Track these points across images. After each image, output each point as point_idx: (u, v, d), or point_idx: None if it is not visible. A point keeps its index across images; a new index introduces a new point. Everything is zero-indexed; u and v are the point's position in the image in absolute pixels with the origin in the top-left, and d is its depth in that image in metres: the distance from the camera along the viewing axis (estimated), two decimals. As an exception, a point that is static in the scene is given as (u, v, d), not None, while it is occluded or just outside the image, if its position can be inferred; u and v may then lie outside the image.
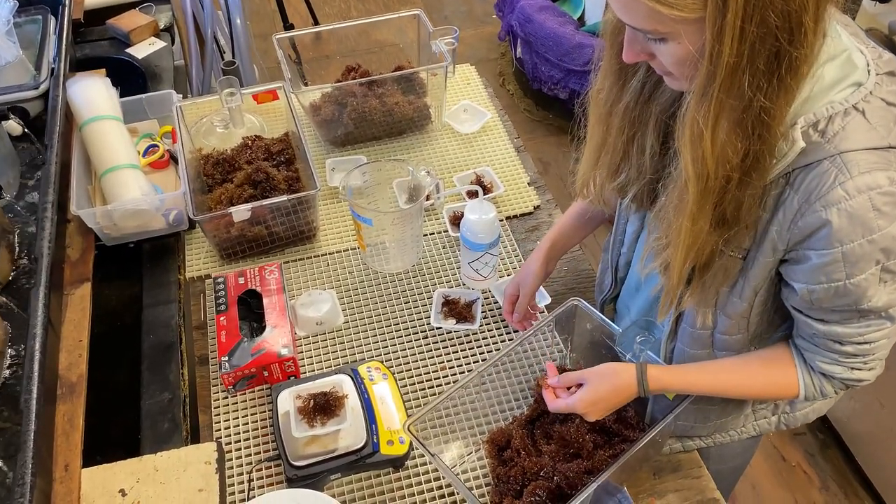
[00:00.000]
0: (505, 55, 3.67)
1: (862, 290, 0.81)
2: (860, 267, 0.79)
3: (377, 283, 1.46)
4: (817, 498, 2.02)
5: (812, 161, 0.78)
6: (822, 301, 0.84)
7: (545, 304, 1.40)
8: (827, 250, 0.79)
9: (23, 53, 1.57)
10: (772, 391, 1.00)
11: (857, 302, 0.83)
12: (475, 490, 1.14)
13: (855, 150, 0.76)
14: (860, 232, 0.77)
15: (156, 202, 1.42)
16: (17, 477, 0.97)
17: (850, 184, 0.76)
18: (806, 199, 0.79)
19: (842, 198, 0.76)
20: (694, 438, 1.18)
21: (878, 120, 0.78)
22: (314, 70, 1.84)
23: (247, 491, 1.14)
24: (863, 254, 0.78)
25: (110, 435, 1.26)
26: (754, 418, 1.13)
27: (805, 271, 0.83)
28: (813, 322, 0.89)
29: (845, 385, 0.94)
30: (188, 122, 1.64)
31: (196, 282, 1.48)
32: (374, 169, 1.48)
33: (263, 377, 1.27)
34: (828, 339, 0.89)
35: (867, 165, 0.76)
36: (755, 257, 0.87)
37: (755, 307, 0.94)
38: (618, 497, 1.10)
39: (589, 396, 1.03)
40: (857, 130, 0.77)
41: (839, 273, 0.80)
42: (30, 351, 1.10)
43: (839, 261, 0.79)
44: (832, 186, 0.77)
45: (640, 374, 1.01)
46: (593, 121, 0.99)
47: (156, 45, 1.96)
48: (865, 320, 0.86)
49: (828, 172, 0.77)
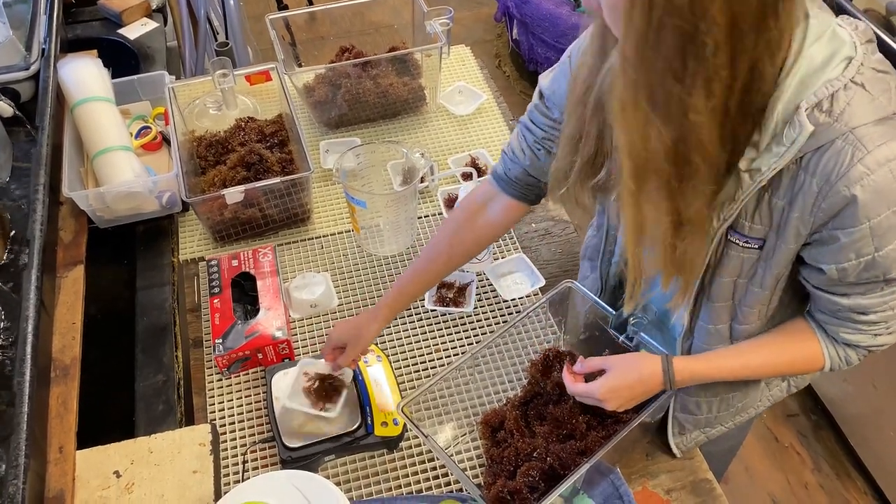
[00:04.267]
0: (501, 36, 3.64)
1: (891, 260, 0.81)
2: (888, 238, 0.79)
3: (371, 266, 1.46)
4: (809, 478, 2.04)
5: (824, 143, 0.77)
6: (850, 276, 0.84)
7: (539, 285, 1.40)
8: (855, 227, 0.79)
9: (13, 34, 1.55)
10: (798, 366, 0.98)
11: (886, 272, 0.83)
12: (469, 471, 1.15)
13: (865, 125, 0.76)
14: (885, 204, 0.77)
15: (148, 184, 1.42)
16: (11, 459, 0.97)
17: (870, 158, 0.76)
18: (826, 181, 0.78)
19: (863, 174, 0.76)
20: (719, 427, 1.16)
21: (879, 91, 0.77)
22: (308, 51, 1.82)
23: (241, 472, 1.15)
24: (889, 225, 0.78)
25: (105, 417, 1.26)
26: (769, 390, 1.12)
27: (834, 251, 0.83)
28: (836, 298, 0.88)
29: (869, 351, 0.94)
30: (181, 103, 1.63)
31: (190, 264, 1.48)
32: (369, 151, 1.47)
33: (258, 359, 1.27)
34: (852, 311, 0.89)
35: (881, 138, 0.76)
36: (776, 246, 0.86)
37: (775, 293, 0.93)
38: (610, 478, 1.10)
39: (611, 383, 1.00)
40: (862, 104, 0.76)
41: (868, 248, 0.80)
42: (22, 333, 1.10)
43: (867, 236, 0.79)
44: (851, 164, 0.76)
45: (666, 364, 0.99)
46: (570, 103, 0.93)
47: (148, 25, 1.94)
48: (889, 288, 0.85)
49: (843, 151, 0.76)
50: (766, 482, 2.04)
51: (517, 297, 1.39)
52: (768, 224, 0.85)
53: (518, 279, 1.43)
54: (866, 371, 1.84)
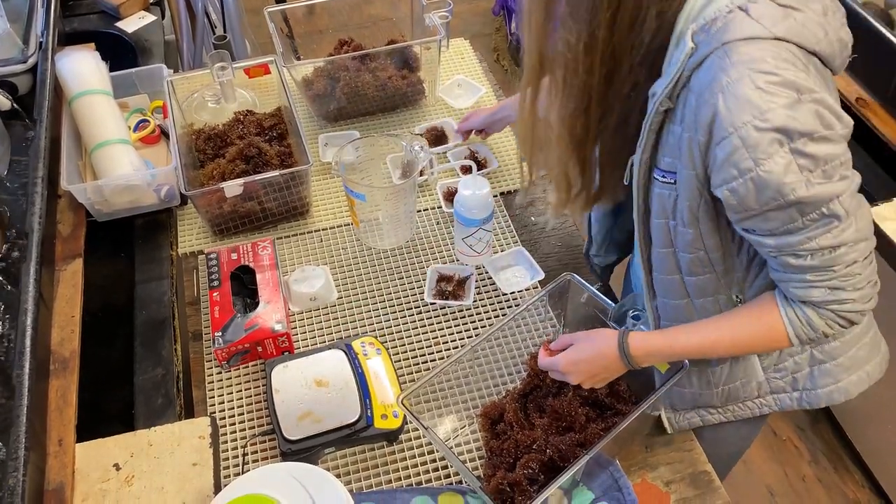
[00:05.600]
0: (500, 30, 3.63)
1: (777, 177, 0.79)
2: (763, 150, 0.79)
3: (371, 259, 1.46)
4: (807, 471, 2.05)
5: (702, 59, 0.81)
6: (749, 201, 0.82)
7: (538, 279, 1.40)
8: (725, 138, 0.80)
9: (10, 27, 1.55)
10: (761, 335, 0.95)
11: (782, 194, 0.80)
12: (468, 463, 1.15)
13: (737, 40, 0.79)
14: (748, 112, 0.78)
15: (147, 178, 1.41)
16: (11, 451, 0.97)
17: (732, 69, 0.78)
18: (699, 94, 0.82)
19: (726, 83, 0.78)
20: (711, 411, 1.14)
21: (764, 15, 0.80)
22: (306, 44, 1.82)
23: (241, 465, 1.15)
24: (759, 136, 0.78)
25: (104, 410, 1.26)
26: (769, 388, 1.09)
27: (719, 171, 0.83)
28: (763, 239, 0.86)
29: (836, 315, 0.89)
30: (179, 96, 1.62)
31: (189, 258, 1.48)
32: (368, 144, 1.47)
33: (257, 352, 1.27)
34: (784, 254, 0.86)
35: (748, 51, 0.78)
36: (681, 172, 0.89)
37: (706, 238, 0.93)
38: (610, 470, 1.11)
39: (571, 356, 1.04)
40: (739, 24, 0.80)
41: (746, 161, 0.80)
42: (21, 327, 1.10)
43: (740, 147, 0.79)
44: (717, 75, 0.79)
45: (621, 336, 1.01)
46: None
47: (146, 18, 1.94)
48: (809, 220, 0.82)
49: (713, 63, 0.80)
50: (764, 475, 2.04)
51: (517, 291, 1.39)
52: (675, 154, 0.88)
53: (517, 272, 1.43)
54: (864, 364, 1.84)
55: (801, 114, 0.77)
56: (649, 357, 1.02)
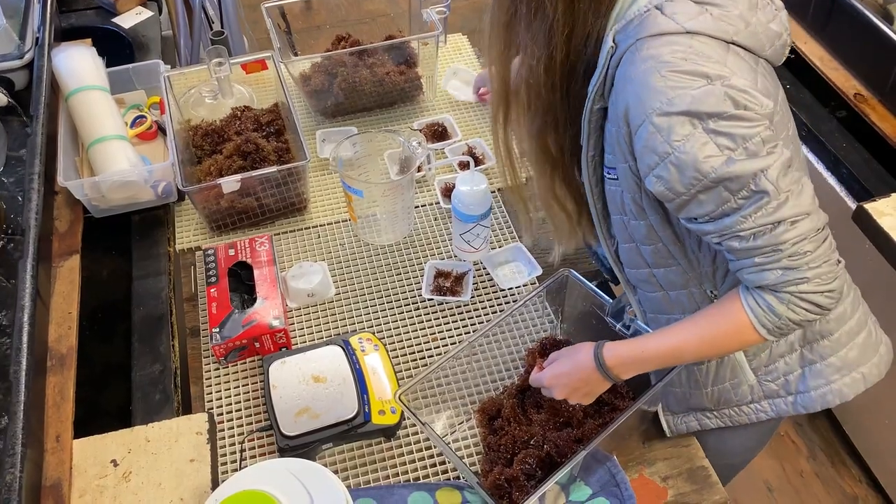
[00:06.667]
0: (498, 26, 3.62)
1: (694, 157, 0.80)
2: (676, 132, 0.81)
3: (368, 255, 1.46)
4: (805, 466, 2.05)
5: (620, 56, 0.86)
6: (675, 184, 0.83)
7: (536, 274, 1.40)
8: (640, 126, 0.83)
9: (6, 23, 1.54)
10: (728, 333, 0.93)
11: (701, 171, 0.80)
12: (466, 459, 1.15)
13: (648, 36, 0.83)
14: (654, 98, 0.81)
15: (144, 174, 1.41)
16: (8, 448, 0.97)
17: (642, 62, 0.82)
18: (616, 88, 0.87)
19: (635, 74, 0.83)
20: (707, 415, 1.13)
21: (678, 12, 0.84)
22: (304, 40, 1.81)
23: (239, 461, 1.15)
24: (669, 120, 0.81)
25: (102, 406, 1.26)
26: (763, 393, 1.07)
27: (640, 159, 0.86)
28: (704, 226, 0.86)
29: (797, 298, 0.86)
30: (176, 92, 1.62)
31: (186, 254, 1.48)
32: (365, 140, 1.47)
33: (255, 348, 1.27)
34: (726, 237, 0.85)
35: (657, 45, 0.82)
36: (619, 167, 0.92)
37: (658, 229, 0.95)
38: (607, 465, 1.11)
39: (553, 370, 1.06)
40: (652, 21, 0.84)
41: (662, 145, 0.82)
42: (18, 323, 1.10)
43: (654, 133, 0.82)
44: (628, 66, 0.84)
45: (596, 349, 1.00)
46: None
47: (143, 14, 1.93)
48: (741, 199, 0.82)
49: (626, 57, 0.85)
50: (762, 470, 2.05)
51: (514, 286, 1.39)
52: (613, 150, 0.92)
53: (515, 268, 1.43)
54: (862, 360, 1.84)
55: (708, 97, 0.79)
56: (624, 367, 1.00)
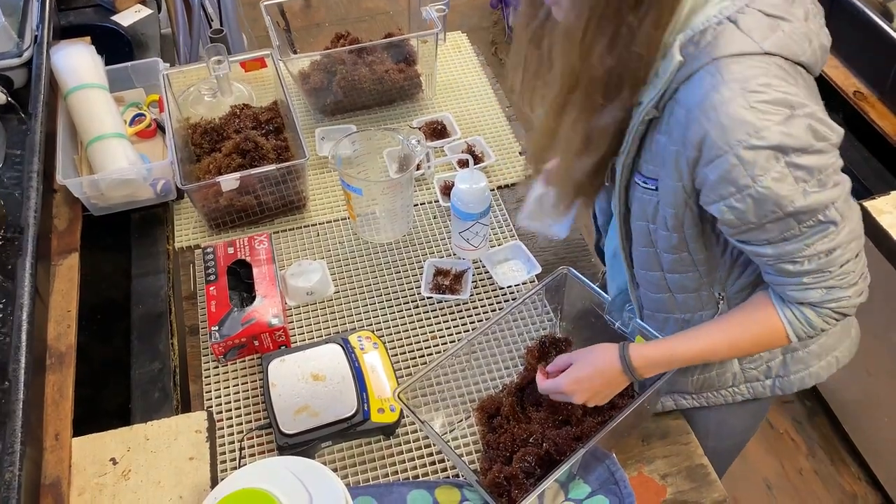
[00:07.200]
0: (497, 24, 3.62)
1: (775, 192, 0.80)
2: (760, 166, 0.79)
3: (367, 253, 1.46)
4: (804, 464, 2.05)
5: (691, 73, 0.81)
6: (748, 215, 0.83)
7: (535, 273, 1.40)
8: (719, 157, 0.80)
9: (5, 20, 1.54)
10: (761, 336, 0.96)
11: (781, 206, 0.81)
12: (465, 457, 1.15)
13: (727, 56, 0.79)
14: (743, 131, 0.78)
15: (143, 172, 1.41)
16: (7, 446, 0.97)
17: (724, 87, 0.78)
18: (688, 110, 0.81)
19: (719, 102, 0.78)
20: (685, 396, 1.15)
21: (753, 28, 0.80)
22: (303, 38, 1.81)
23: (238, 459, 1.15)
24: (756, 154, 0.78)
25: (101, 405, 1.26)
26: (744, 378, 1.10)
27: (713, 188, 0.83)
28: (760, 248, 0.87)
29: (833, 311, 0.90)
30: (175, 90, 1.62)
31: (185, 252, 1.48)
32: (364, 138, 1.47)
33: (254, 346, 1.27)
34: (782, 262, 0.87)
35: (741, 69, 0.78)
36: (664, 182, 0.89)
37: (690, 242, 0.94)
38: (606, 463, 1.11)
39: (573, 375, 1.02)
40: (729, 38, 0.79)
41: (744, 178, 0.80)
42: (17, 321, 1.09)
43: (737, 164, 0.79)
44: (709, 92, 0.79)
45: (622, 350, 1.00)
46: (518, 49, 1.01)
47: (142, 12, 1.93)
48: (806, 227, 0.83)
49: (704, 80, 0.79)
50: (761, 467, 2.05)
51: (513, 284, 1.39)
52: (659, 163, 0.88)
53: (514, 266, 1.43)
54: (860, 357, 1.84)
55: (794, 129, 0.77)
56: (650, 368, 1.01)
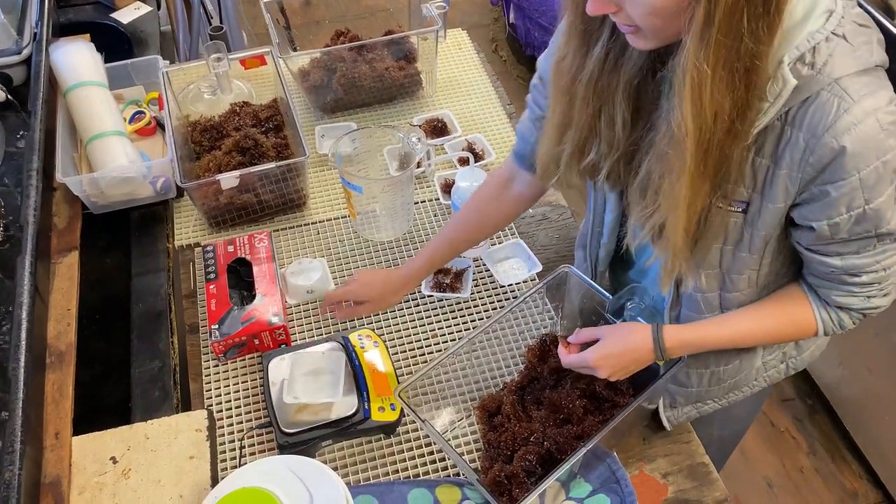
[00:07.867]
0: (498, 21, 3.62)
1: (881, 213, 0.81)
2: (878, 190, 0.79)
3: (368, 251, 1.46)
4: (805, 462, 2.05)
5: (808, 95, 0.77)
6: (842, 232, 0.83)
7: (536, 271, 1.40)
8: (844, 180, 0.79)
9: (4, 18, 1.53)
10: (792, 331, 0.98)
11: (877, 226, 0.82)
12: (466, 456, 1.15)
13: (848, 75, 0.76)
14: (874, 154, 0.77)
15: (143, 169, 1.41)
16: (7, 445, 0.97)
17: (857, 108, 0.76)
18: (812, 134, 0.78)
19: (850, 124, 0.76)
20: (708, 402, 1.16)
21: (861, 43, 0.78)
22: (303, 35, 1.81)
23: (238, 458, 1.15)
24: (878, 177, 0.78)
25: (101, 403, 1.26)
26: (765, 370, 1.12)
27: (825, 206, 0.82)
28: (829, 259, 0.87)
29: (863, 315, 0.94)
30: (175, 88, 1.61)
31: (185, 250, 1.47)
32: (364, 136, 1.46)
33: (254, 345, 1.27)
34: (845, 273, 0.88)
35: (865, 87, 0.76)
36: (763, 206, 0.86)
37: (765, 257, 0.93)
38: (607, 462, 1.10)
39: (603, 351, 1.01)
40: (844, 55, 0.77)
41: (859, 200, 0.80)
42: (17, 319, 1.09)
43: (857, 188, 0.79)
44: (838, 115, 0.76)
45: (656, 332, 0.99)
46: (555, 93, 0.92)
47: (141, 9, 1.92)
48: (882, 245, 0.85)
49: (829, 102, 0.76)
50: (762, 466, 2.05)
51: (514, 283, 1.39)
52: (752, 186, 0.85)
53: (515, 264, 1.43)
54: (861, 355, 1.85)
55: None
56: (681, 349, 1.01)
